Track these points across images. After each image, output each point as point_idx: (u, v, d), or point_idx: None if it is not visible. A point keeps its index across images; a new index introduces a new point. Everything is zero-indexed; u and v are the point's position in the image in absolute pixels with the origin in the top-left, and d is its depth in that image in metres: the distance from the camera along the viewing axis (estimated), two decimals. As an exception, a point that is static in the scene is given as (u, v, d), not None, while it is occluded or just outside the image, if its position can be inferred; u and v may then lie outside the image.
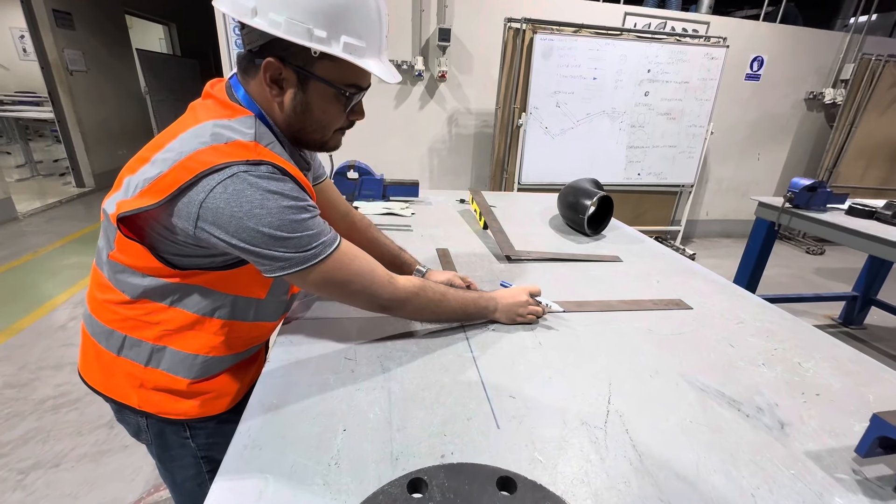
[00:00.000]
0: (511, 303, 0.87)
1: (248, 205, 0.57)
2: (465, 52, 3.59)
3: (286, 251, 0.61)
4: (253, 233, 0.59)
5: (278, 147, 0.66)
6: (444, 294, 0.79)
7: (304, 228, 0.62)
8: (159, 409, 0.75)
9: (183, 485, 0.85)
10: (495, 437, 0.59)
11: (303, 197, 0.63)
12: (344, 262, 0.67)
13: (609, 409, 0.66)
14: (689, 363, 0.80)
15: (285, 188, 0.61)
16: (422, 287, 0.76)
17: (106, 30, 5.14)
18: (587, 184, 1.62)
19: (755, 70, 4.08)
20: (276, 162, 0.61)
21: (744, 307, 1.04)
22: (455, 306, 0.80)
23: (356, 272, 0.68)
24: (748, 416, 0.67)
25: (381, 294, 0.71)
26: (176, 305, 0.69)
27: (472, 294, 0.85)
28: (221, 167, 0.57)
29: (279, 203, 0.59)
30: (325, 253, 0.64)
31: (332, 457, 0.54)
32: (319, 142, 0.72)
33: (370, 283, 0.70)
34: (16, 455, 1.52)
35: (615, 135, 3.57)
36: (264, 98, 0.66)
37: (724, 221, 4.67)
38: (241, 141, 0.60)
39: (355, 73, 0.65)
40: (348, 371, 0.71)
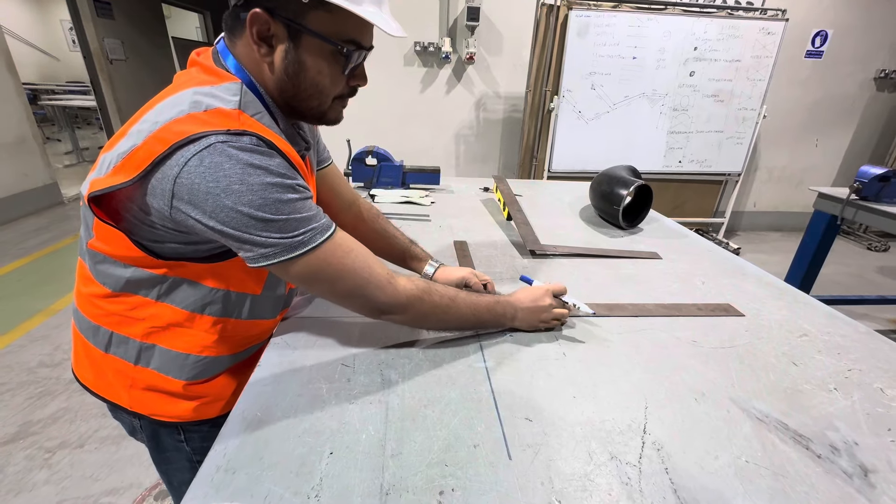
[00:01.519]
0: (532, 307, 0.76)
1: (225, 180, 0.50)
2: (494, 32, 3.42)
3: (269, 235, 0.53)
4: (231, 212, 0.51)
5: (267, 119, 0.59)
6: (452, 299, 0.68)
7: (291, 210, 0.54)
8: (151, 410, 0.70)
9: (180, 487, 0.81)
10: (505, 470, 0.50)
11: (291, 175, 0.55)
12: (337, 255, 0.58)
13: (645, 440, 0.56)
14: (742, 385, 0.67)
15: (271, 163, 0.53)
16: (426, 290, 0.66)
17: (144, 19, 5.27)
18: (623, 171, 1.48)
19: (817, 46, 3.69)
20: (262, 133, 0.54)
21: (807, 316, 0.90)
22: (465, 313, 0.70)
23: (350, 268, 0.60)
24: (820, 458, 0.55)
25: (378, 296, 0.62)
26: (162, 300, 0.63)
27: (486, 299, 0.74)
28: (197, 137, 0.50)
29: (262, 179, 0.52)
30: (314, 241, 0.56)
31: (312, 487, 0.47)
32: (317, 110, 0.63)
33: (366, 283, 0.61)
34: (45, 434, 1.56)
35: (655, 119, 3.33)
36: (253, 61, 0.58)
37: (774, 214, 4.31)
38: (222, 108, 0.53)
39: (353, 27, 0.57)
40: (344, 380, 0.64)
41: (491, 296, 0.75)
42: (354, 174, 1.63)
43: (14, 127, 3.57)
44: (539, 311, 0.76)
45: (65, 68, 8.15)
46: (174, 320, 0.65)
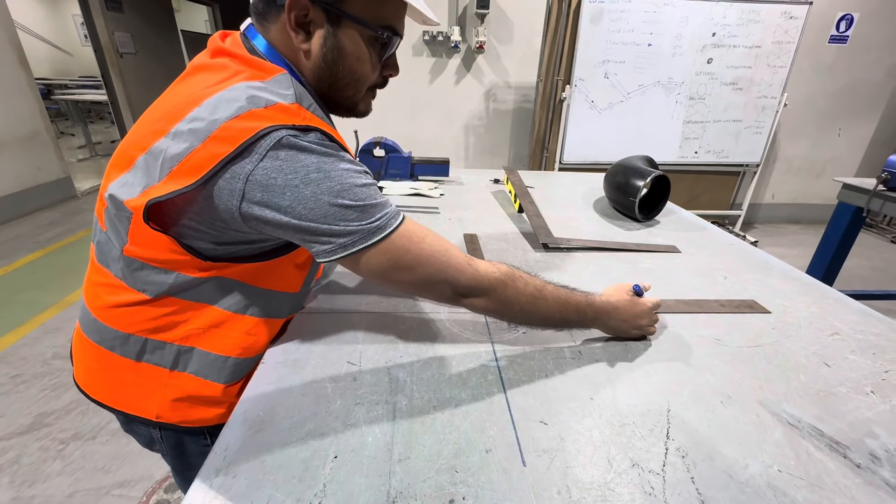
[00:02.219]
0: (629, 323, 0.70)
1: (304, 170, 0.49)
2: (505, 20, 3.35)
3: (349, 223, 0.52)
4: (312, 202, 0.50)
5: (319, 111, 0.57)
6: (539, 290, 0.62)
7: (367, 196, 0.53)
8: (183, 417, 0.65)
9: None
10: (520, 477, 0.47)
11: (358, 162, 0.55)
12: (413, 240, 0.56)
13: (668, 446, 0.52)
14: (771, 387, 0.63)
15: (341, 151, 0.53)
16: (511, 275, 0.61)
17: (153, 12, 5.28)
18: (639, 162, 1.42)
19: (842, 31, 3.54)
20: (321, 127, 0.53)
21: (838, 313, 0.85)
22: (552, 307, 0.63)
23: (429, 252, 0.57)
24: (859, 467, 0.51)
25: (460, 279, 0.58)
26: (205, 302, 0.60)
27: (577, 298, 0.66)
28: (267, 131, 0.48)
29: (338, 166, 0.51)
30: (391, 226, 0.54)
31: (315, 493, 0.44)
32: (351, 101, 0.62)
33: (446, 265, 0.57)
34: (58, 425, 1.58)
35: (670, 108, 3.23)
36: (289, 49, 0.56)
37: (793, 205, 4.19)
38: (282, 104, 0.51)
39: (391, 12, 0.56)
40: (350, 379, 0.61)
41: (584, 297, 0.67)
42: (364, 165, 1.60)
43: (27, 121, 3.60)
44: (634, 326, 0.71)
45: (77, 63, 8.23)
46: (215, 321, 0.61)
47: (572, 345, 0.71)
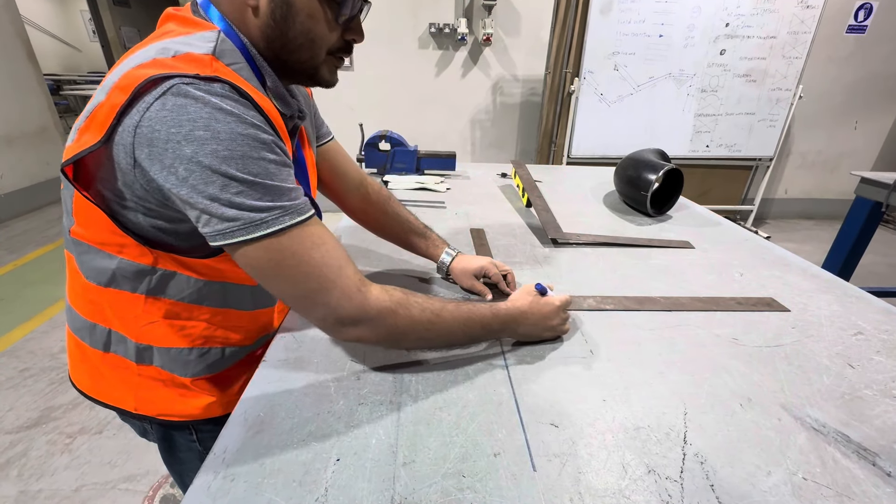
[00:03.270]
0: (539, 327, 0.66)
1: (190, 124, 0.43)
2: (512, 12, 3.29)
3: (230, 200, 0.45)
4: (191, 164, 0.43)
5: (248, 72, 0.51)
6: (437, 314, 0.56)
7: (261, 172, 0.46)
8: (160, 410, 0.65)
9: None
10: (529, 483, 0.45)
11: (269, 132, 0.48)
12: (304, 246, 0.49)
13: (686, 451, 0.50)
14: (793, 389, 0.60)
15: (246, 113, 0.46)
16: (403, 303, 0.54)
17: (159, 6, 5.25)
18: (651, 155, 1.39)
19: (861, 20, 3.44)
20: (237, 83, 0.47)
21: (860, 312, 0.81)
22: (454, 329, 0.58)
23: (318, 264, 0.49)
24: (890, 476, 0.48)
25: (343, 304, 0.51)
26: (154, 295, 0.57)
27: (481, 312, 0.61)
28: (160, 77, 0.43)
29: (232, 127, 0.44)
30: (281, 223, 0.47)
31: (317, 498, 0.43)
32: (308, 65, 0.56)
33: (332, 286, 0.50)
34: (66, 419, 1.59)
35: (682, 101, 3.17)
36: (236, 8, 0.52)
37: (806, 200, 4.10)
38: (192, 53, 0.47)
39: None
40: (353, 379, 0.59)
41: (488, 309, 0.62)
42: (367, 159, 1.57)
43: (36, 117, 3.62)
44: (544, 329, 0.67)
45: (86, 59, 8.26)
46: (170, 313, 0.59)
47: (583, 344, 0.68)
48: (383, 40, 3.31)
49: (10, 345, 1.99)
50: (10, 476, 1.37)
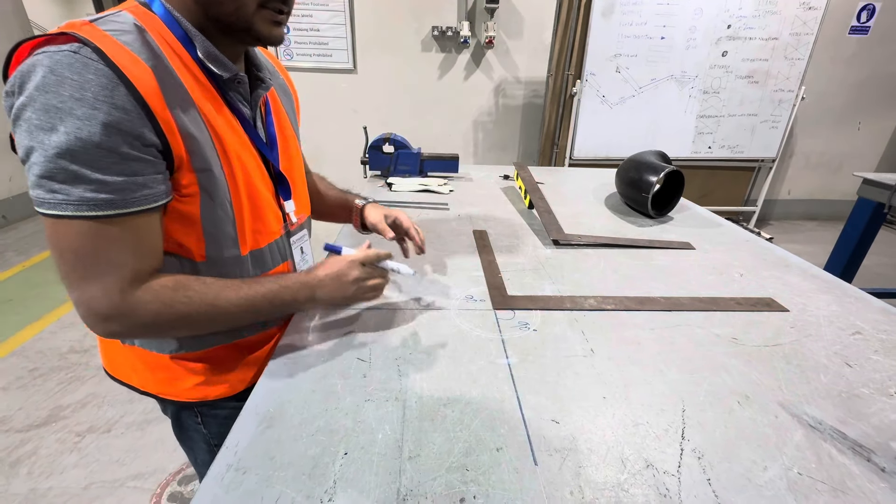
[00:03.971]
0: (335, 284, 0.64)
1: (29, 90, 0.43)
2: (514, 15, 3.31)
3: (32, 166, 0.44)
4: (22, 128, 0.44)
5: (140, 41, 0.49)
6: (212, 304, 0.55)
7: (56, 147, 0.43)
8: (157, 389, 0.68)
9: (203, 466, 0.81)
10: (531, 476, 0.47)
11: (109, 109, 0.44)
12: (84, 236, 0.47)
13: (684, 447, 0.51)
14: (791, 387, 0.62)
15: (88, 83, 0.43)
16: (169, 301, 0.53)
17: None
18: (652, 157, 1.40)
19: (863, 21, 3.44)
20: (101, 45, 0.45)
21: (859, 312, 0.82)
22: (234, 312, 0.57)
23: (92, 255, 0.48)
24: (884, 472, 0.49)
25: (100, 302, 0.49)
26: None
27: (266, 287, 0.60)
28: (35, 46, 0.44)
29: (45, 98, 0.43)
30: (64, 210, 0.45)
31: (326, 490, 0.44)
32: (240, 19, 0.53)
33: (95, 277, 0.48)
34: (75, 418, 1.61)
35: (684, 102, 3.17)
36: None
37: (809, 202, 4.09)
38: (72, 21, 0.47)
39: None
40: (360, 375, 0.61)
41: (272, 282, 0.61)
42: (371, 162, 1.59)
43: (44, 119, 3.66)
44: (343, 287, 0.65)
45: (92, 62, 8.35)
46: None
47: (584, 343, 0.70)
48: (387, 43, 3.33)
49: (20, 345, 2.02)
50: (20, 474, 1.39)
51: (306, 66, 3.31)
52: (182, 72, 0.53)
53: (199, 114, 0.54)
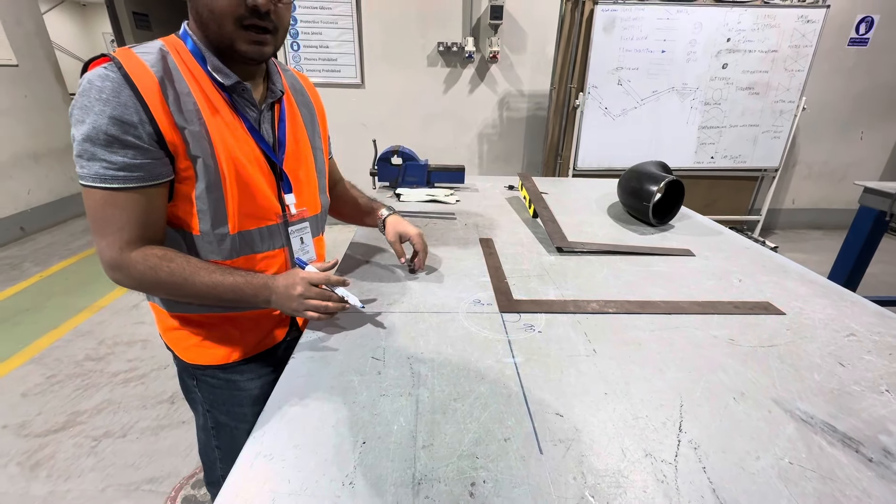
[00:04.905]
0: (284, 294, 0.71)
1: (76, 95, 0.59)
2: (518, 30, 3.40)
3: (75, 152, 0.60)
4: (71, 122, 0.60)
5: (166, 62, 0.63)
6: (186, 279, 0.67)
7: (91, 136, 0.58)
8: (169, 342, 0.82)
9: (200, 429, 0.91)
10: (537, 464, 0.50)
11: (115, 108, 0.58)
12: (98, 203, 0.62)
13: (681, 438, 0.54)
14: (785, 385, 0.65)
15: (104, 89, 0.58)
16: (154, 267, 0.65)
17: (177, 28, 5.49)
18: (653, 167, 1.44)
19: (862, 33, 3.49)
20: (126, 64, 0.60)
21: (855, 315, 0.85)
22: (202, 290, 0.68)
23: (101, 217, 0.63)
24: (871, 462, 0.52)
25: (106, 253, 0.64)
26: None
27: (232, 280, 0.69)
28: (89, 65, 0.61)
29: (84, 100, 0.58)
30: (89, 181, 0.60)
31: (347, 475, 0.48)
32: (223, 38, 0.63)
33: (102, 236, 0.64)
34: (91, 423, 1.65)
35: (685, 114, 3.22)
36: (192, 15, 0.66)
37: (814, 210, 4.10)
38: (121, 48, 0.64)
39: None
40: (374, 373, 0.65)
41: (242, 276, 0.70)
42: (380, 173, 1.65)
43: (63, 134, 3.78)
44: (290, 298, 0.70)
45: (106, 79, 8.59)
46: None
47: (587, 343, 0.73)
48: (394, 59, 3.43)
49: (38, 353, 2.07)
50: (39, 476, 1.43)
51: (316, 81, 3.39)
52: (192, 82, 0.65)
53: (197, 114, 0.64)
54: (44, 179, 3.62)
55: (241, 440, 0.49)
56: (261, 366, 0.84)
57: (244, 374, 0.82)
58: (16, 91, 3.37)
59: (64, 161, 3.80)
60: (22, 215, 3.44)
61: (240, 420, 0.85)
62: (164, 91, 0.62)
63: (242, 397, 0.83)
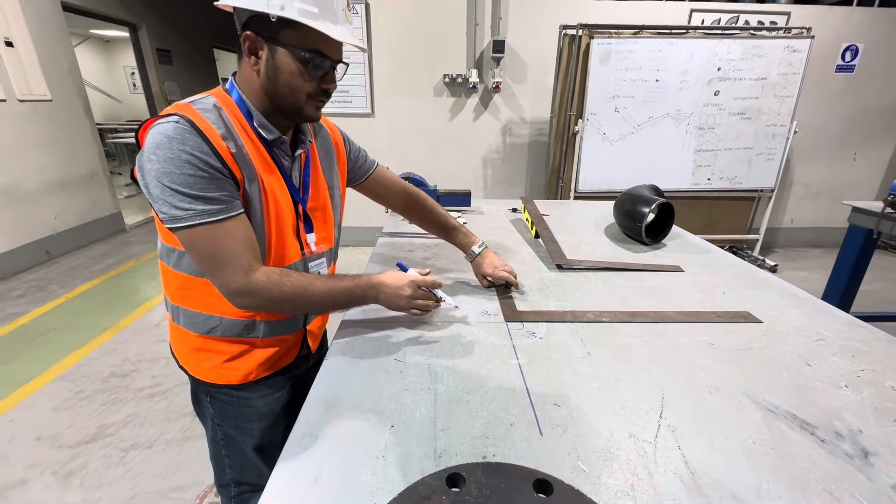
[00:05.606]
0: (392, 293, 0.83)
1: (151, 150, 0.66)
2: (519, 62, 3.60)
3: (165, 199, 0.66)
4: (150, 176, 0.66)
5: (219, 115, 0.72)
6: (306, 288, 0.76)
7: (183, 183, 0.66)
8: (186, 363, 0.88)
9: (210, 440, 0.95)
10: (537, 442, 0.60)
11: (199, 152, 0.66)
12: (209, 237, 0.68)
13: (661, 423, 0.64)
14: (755, 381, 0.74)
15: (183, 138, 0.65)
16: (277, 282, 0.73)
17: (197, 63, 5.82)
18: (645, 190, 1.56)
19: (848, 60, 3.66)
20: (192, 118, 0.68)
21: (826, 323, 0.94)
22: (320, 298, 0.78)
23: (216, 251, 0.69)
24: (824, 442, 0.61)
25: (232, 282, 0.70)
26: (175, 267, 0.78)
27: (344, 284, 0.80)
28: (155, 120, 0.68)
29: (167, 152, 0.65)
30: (191, 220, 0.67)
31: (379, 450, 0.58)
32: (293, 106, 0.76)
33: (225, 266, 0.70)
34: (119, 435, 1.74)
35: (681, 138, 3.37)
36: (247, 75, 0.75)
37: (813, 229, 4.19)
38: (178, 102, 0.71)
39: (316, 40, 0.71)
40: (397, 372, 0.75)
41: (350, 280, 0.82)
42: (393, 198, 1.78)
43: (88, 163, 4.00)
44: (398, 297, 0.83)
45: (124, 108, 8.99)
46: (185, 283, 0.79)
47: (582, 347, 0.83)
48: (402, 90, 3.63)
49: (66, 370, 2.18)
50: (72, 485, 1.51)
51: (328, 111, 3.61)
52: (242, 135, 0.75)
53: (250, 162, 0.74)
54: (69, 205, 3.81)
55: (249, 450, 0.60)
56: (270, 385, 0.90)
57: (255, 392, 0.88)
58: (49, 124, 3.59)
59: (87, 188, 4.00)
60: (48, 239, 3.61)
61: (247, 434, 0.91)
62: (227, 142, 0.71)
63: (251, 413, 0.89)
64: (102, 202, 4.19)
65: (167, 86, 5.18)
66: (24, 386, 2.04)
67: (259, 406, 0.89)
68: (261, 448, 0.92)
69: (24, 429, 1.77)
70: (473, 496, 0.42)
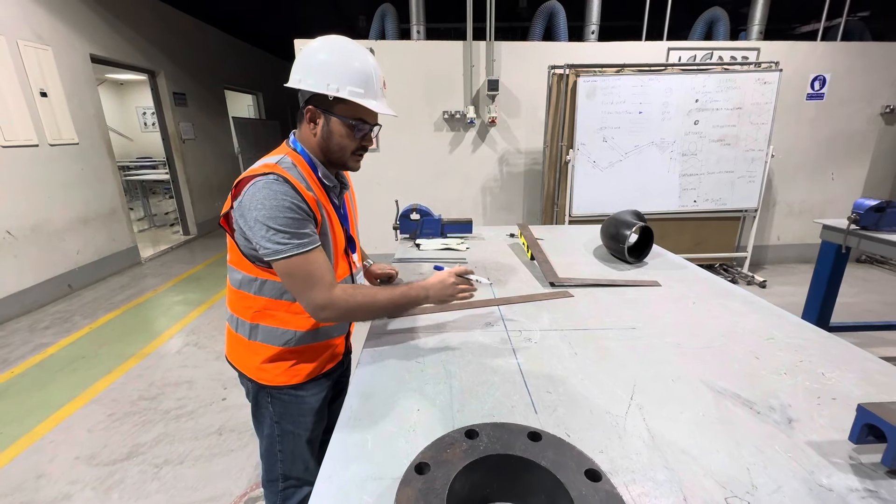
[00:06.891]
0: (440, 286, 1.03)
1: (256, 200, 0.85)
2: (512, 99, 3.89)
3: (269, 238, 0.84)
4: (253, 221, 0.85)
5: (297, 171, 0.92)
6: (373, 296, 0.95)
7: (284, 223, 0.84)
8: (257, 375, 1.03)
9: (265, 438, 1.11)
10: (533, 419, 0.76)
11: (295, 200, 0.86)
12: (301, 265, 0.86)
13: (631, 403, 0.80)
14: (712, 371, 0.90)
15: (282, 190, 0.85)
16: (352, 294, 0.92)
17: (209, 104, 6.17)
18: (628, 215, 1.75)
19: (817, 89, 3.94)
20: (282, 174, 0.87)
21: (778, 325, 1.11)
22: (385, 303, 0.97)
23: (307, 274, 0.87)
24: (759, 414, 0.77)
25: (318, 297, 0.88)
26: (257, 293, 0.97)
27: (401, 289, 1.00)
28: (254, 177, 0.87)
29: (271, 202, 0.84)
30: (289, 252, 0.85)
31: (410, 426, 0.74)
32: (341, 160, 0.98)
33: (313, 286, 0.88)
34: (151, 453, 1.87)
35: (666, 164, 3.61)
36: (307, 135, 0.97)
37: (800, 246, 4.38)
38: (269, 163, 0.91)
39: (360, 112, 0.94)
40: (419, 371, 0.92)
41: (404, 286, 1.01)
42: (402, 227, 1.97)
43: (109, 200, 4.24)
44: (446, 288, 1.03)
45: (135, 146, 9.39)
46: (266, 305, 0.97)
47: (570, 349, 1.00)
48: (405, 126, 3.90)
49: (97, 394, 2.32)
50: (112, 499, 1.64)
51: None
52: (313, 184, 0.95)
53: (320, 204, 0.95)
54: (90, 241, 4.02)
55: (302, 443, 0.76)
56: (320, 383, 1.09)
57: (309, 390, 1.07)
58: (75, 166, 3.85)
59: (108, 223, 4.22)
60: (70, 273, 3.80)
61: (302, 428, 1.09)
62: (309, 192, 0.91)
63: (306, 409, 1.08)
64: (121, 236, 4.41)
65: (182, 126, 5.50)
66: (59, 410, 2.18)
67: (311, 402, 1.07)
68: (310, 441, 1.09)
69: (63, 449, 1.91)
70: (485, 443, 0.58)
